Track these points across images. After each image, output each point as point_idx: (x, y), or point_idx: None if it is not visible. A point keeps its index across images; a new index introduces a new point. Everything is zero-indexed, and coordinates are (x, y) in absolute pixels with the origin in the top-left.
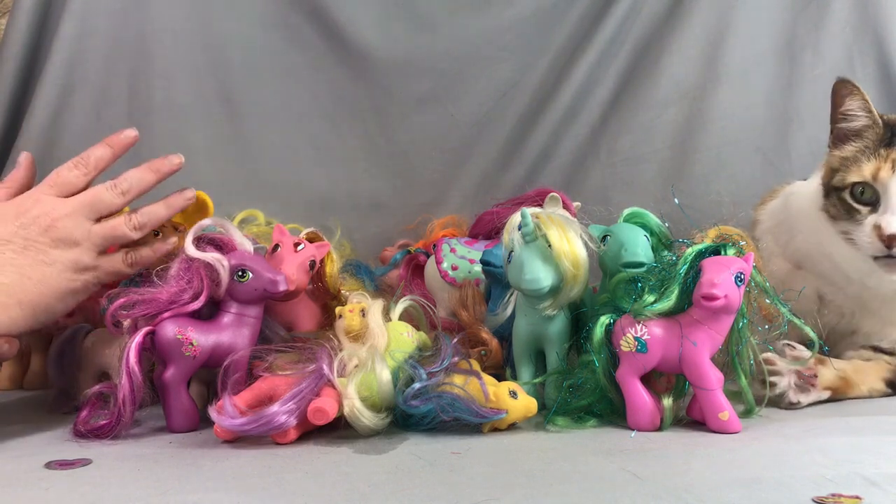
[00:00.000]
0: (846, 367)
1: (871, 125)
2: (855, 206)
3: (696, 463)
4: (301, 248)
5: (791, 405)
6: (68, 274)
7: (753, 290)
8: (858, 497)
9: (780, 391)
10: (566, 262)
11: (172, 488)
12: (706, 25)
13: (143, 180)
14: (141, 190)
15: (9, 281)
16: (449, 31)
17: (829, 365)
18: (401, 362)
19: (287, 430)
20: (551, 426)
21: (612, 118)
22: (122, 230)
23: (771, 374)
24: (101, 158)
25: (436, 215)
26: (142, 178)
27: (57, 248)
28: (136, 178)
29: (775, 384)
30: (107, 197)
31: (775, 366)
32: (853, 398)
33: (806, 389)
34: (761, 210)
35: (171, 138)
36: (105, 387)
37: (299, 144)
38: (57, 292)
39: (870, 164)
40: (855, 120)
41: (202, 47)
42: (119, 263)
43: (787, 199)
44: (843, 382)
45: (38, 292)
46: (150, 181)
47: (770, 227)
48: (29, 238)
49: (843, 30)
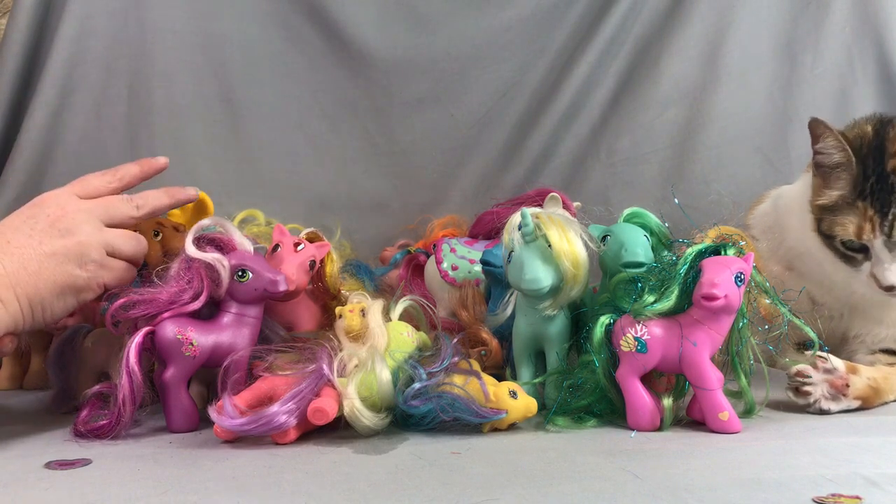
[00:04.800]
0: (876, 375)
1: (846, 163)
2: (849, 254)
3: (696, 463)
4: (301, 248)
5: (822, 412)
6: (69, 267)
7: (753, 290)
8: (858, 497)
9: (814, 400)
10: (566, 262)
11: (172, 488)
12: (706, 25)
13: (158, 201)
14: (154, 209)
15: (8, 271)
16: (449, 31)
17: (861, 373)
18: (401, 362)
19: (287, 430)
20: (551, 426)
21: (612, 118)
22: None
23: (804, 385)
24: (130, 174)
25: (436, 215)
26: (157, 199)
27: (62, 238)
28: (151, 196)
29: (809, 393)
30: (122, 205)
31: (809, 377)
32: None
33: (837, 398)
34: (750, 216)
35: (171, 138)
36: (105, 387)
37: (299, 144)
38: (55, 286)
39: (853, 222)
40: (831, 157)
41: (202, 47)
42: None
43: (776, 202)
44: (873, 391)
45: (32, 284)
46: (164, 203)
47: (761, 231)
48: (35, 228)
49: (843, 30)
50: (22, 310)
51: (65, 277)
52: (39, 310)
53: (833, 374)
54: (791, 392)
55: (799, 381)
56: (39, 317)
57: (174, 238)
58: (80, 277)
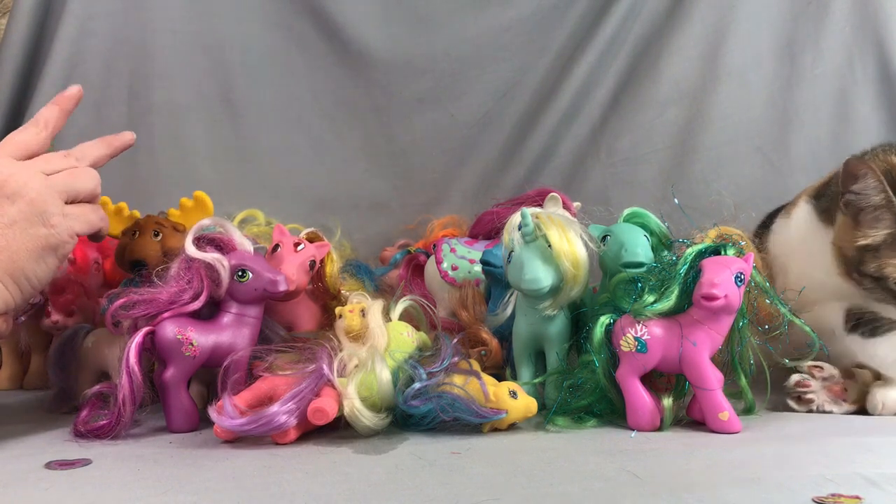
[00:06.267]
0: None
1: (886, 205)
2: None
3: (696, 463)
4: (301, 248)
5: (825, 412)
6: (34, 230)
7: (753, 290)
8: (858, 497)
9: (816, 407)
10: (566, 262)
11: (172, 488)
12: (706, 25)
13: (97, 150)
14: (95, 160)
15: None
16: (449, 31)
17: (857, 378)
18: (401, 362)
19: (287, 430)
20: (551, 426)
21: (612, 118)
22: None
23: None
24: (53, 116)
25: (436, 215)
26: (95, 148)
27: (13, 203)
28: (88, 147)
29: (811, 401)
30: (60, 161)
31: (809, 387)
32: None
33: (838, 403)
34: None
35: (171, 138)
36: (105, 387)
37: (299, 144)
38: (29, 253)
39: None
40: (869, 198)
41: (202, 47)
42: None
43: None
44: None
45: (6, 260)
46: (103, 153)
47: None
48: None
49: (843, 30)
50: (7, 288)
51: (35, 241)
52: (24, 282)
53: (830, 380)
54: (793, 402)
55: (800, 390)
56: (27, 288)
57: (174, 238)
58: (51, 235)
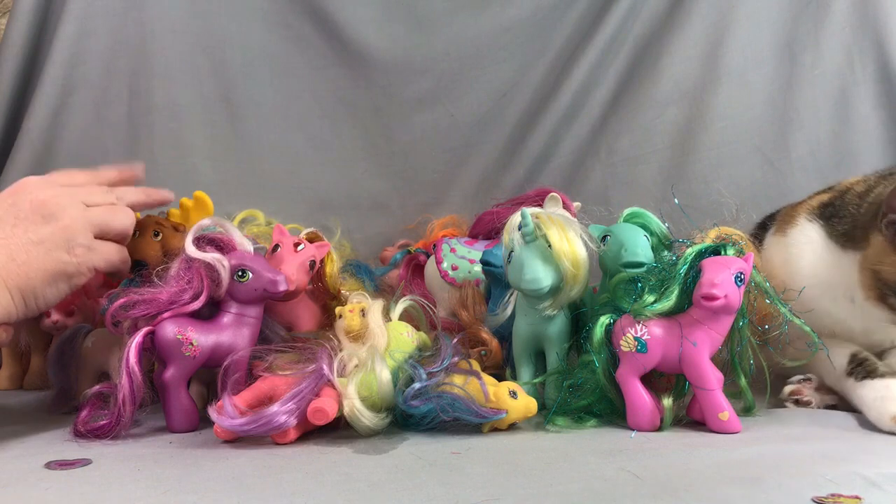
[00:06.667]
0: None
1: None
2: None
3: (696, 463)
4: (301, 248)
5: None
6: (58, 254)
7: (753, 290)
8: (858, 497)
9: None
10: (566, 262)
11: (172, 488)
12: (706, 25)
13: (135, 196)
14: (131, 203)
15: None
16: (449, 31)
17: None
18: (401, 362)
19: (287, 430)
20: (551, 426)
21: (612, 118)
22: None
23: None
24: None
25: (436, 215)
26: (134, 194)
27: (47, 223)
28: (129, 191)
29: (810, 402)
30: (102, 195)
31: (803, 395)
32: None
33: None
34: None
35: (171, 138)
36: (105, 387)
37: (299, 144)
38: (45, 274)
39: None
40: None
41: (202, 47)
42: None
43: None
44: None
45: (23, 275)
46: (141, 200)
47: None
48: (19, 216)
49: (843, 30)
50: (14, 301)
51: (54, 265)
52: (32, 299)
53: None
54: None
55: (795, 397)
56: (33, 306)
57: (174, 238)
58: (70, 263)
